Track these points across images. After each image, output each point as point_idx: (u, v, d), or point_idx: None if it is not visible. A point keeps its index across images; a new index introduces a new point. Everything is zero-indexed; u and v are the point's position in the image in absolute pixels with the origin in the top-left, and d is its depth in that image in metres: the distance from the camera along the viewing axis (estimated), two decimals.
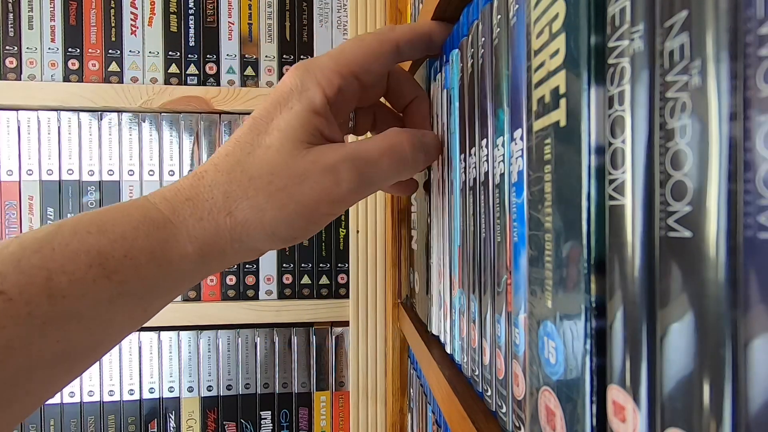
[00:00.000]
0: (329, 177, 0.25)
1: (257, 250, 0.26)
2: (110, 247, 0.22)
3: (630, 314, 0.13)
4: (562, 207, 0.16)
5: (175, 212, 0.24)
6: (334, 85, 0.26)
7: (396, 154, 0.26)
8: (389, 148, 0.26)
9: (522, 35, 0.19)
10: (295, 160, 0.25)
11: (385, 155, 0.26)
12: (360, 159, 0.25)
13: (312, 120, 0.25)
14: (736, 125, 0.10)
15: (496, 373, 0.23)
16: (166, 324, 0.71)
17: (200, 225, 0.24)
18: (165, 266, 0.23)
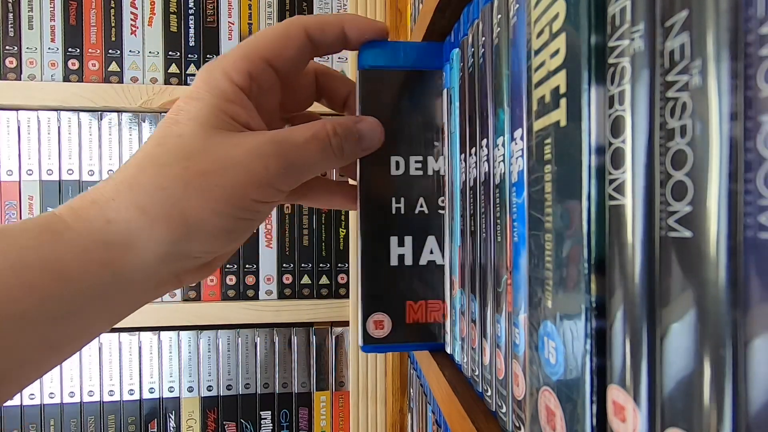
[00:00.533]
0: (256, 160, 0.23)
1: (187, 254, 0.23)
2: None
3: (630, 314, 0.13)
4: (562, 207, 0.16)
5: (79, 218, 0.21)
6: (241, 71, 0.24)
7: (320, 141, 0.25)
8: (313, 134, 0.25)
9: (522, 35, 0.19)
10: (214, 145, 0.23)
11: (310, 141, 0.25)
12: (286, 142, 0.24)
13: (224, 107, 0.24)
14: (736, 125, 0.10)
15: (496, 373, 0.23)
16: (166, 324, 0.71)
17: (107, 228, 0.21)
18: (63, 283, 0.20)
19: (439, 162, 0.31)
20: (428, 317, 0.31)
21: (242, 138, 0.23)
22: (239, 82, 0.24)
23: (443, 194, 0.31)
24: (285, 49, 0.26)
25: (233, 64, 0.24)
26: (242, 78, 0.24)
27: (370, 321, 0.30)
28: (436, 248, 0.31)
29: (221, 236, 0.23)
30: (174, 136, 0.23)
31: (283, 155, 0.24)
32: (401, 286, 0.30)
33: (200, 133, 0.23)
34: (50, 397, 0.71)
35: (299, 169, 0.25)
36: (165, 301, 0.73)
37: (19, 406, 0.71)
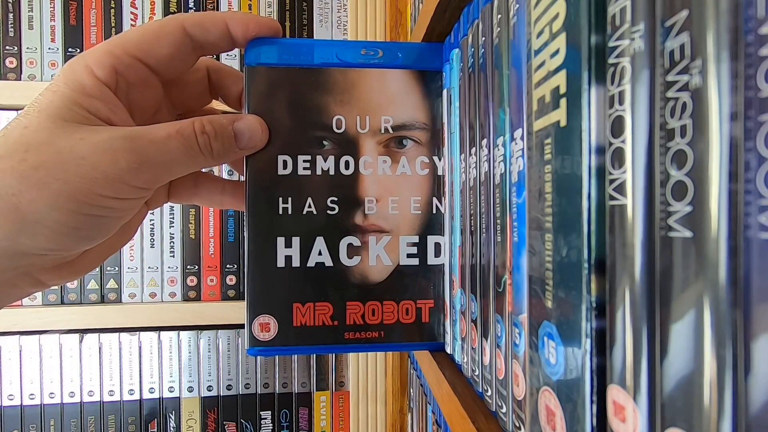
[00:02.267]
0: (103, 155, 0.22)
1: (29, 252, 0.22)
2: None
3: (630, 314, 0.13)
4: (563, 207, 0.16)
5: None
6: (104, 66, 0.23)
7: (185, 138, 0.24)
8: (178, 131, 0.24)
9: (522, 35, 0.19)
10: (58, 137, 0.21)
11: (172, 138, 0.24)
12: (142, 138, 0.23)
13: (81, 100, 0.23)
14: (736, 125, 0.10)
15: (496, 373, 0.23)
16: (166, 324, 0.71)
17: None
18: None
19: (328, 162, 0.30)
20: (317, 320, 0.30)
21: (92, 132, 0.22)
22: (102, 76, 0.23)
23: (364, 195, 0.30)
24: (157, 45, 0.25)
25: (96, 59, 0.23)
26: (105, 73, 0.23)
27: (255, 323, 0.29)
28: (325, 250, 0.30)
29: (66, 233, 0.22)
30: (19, 127, 0.22)
31: (136, 151, 0.22)
32: (288, 288, 0.30)
33: (47, 125, 0.22)
34: (50, 397, 0.71)
35: (157, 166, 0.23)
36: (165, 301, 0.73)
37: (19, 406, 0.71)
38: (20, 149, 0.21)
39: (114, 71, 0.24)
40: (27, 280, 0.23)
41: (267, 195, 0.29)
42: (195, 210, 0.73)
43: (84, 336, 0.72)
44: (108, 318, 0.70)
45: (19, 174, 0.21)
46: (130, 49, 0.24)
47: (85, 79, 0.23)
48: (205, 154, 0.25)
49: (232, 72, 0.30)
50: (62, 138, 0.22)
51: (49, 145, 0.21)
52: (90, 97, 0.23)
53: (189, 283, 0.73)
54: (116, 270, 0.72)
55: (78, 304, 0.71)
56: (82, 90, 0.23)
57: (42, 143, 0.21)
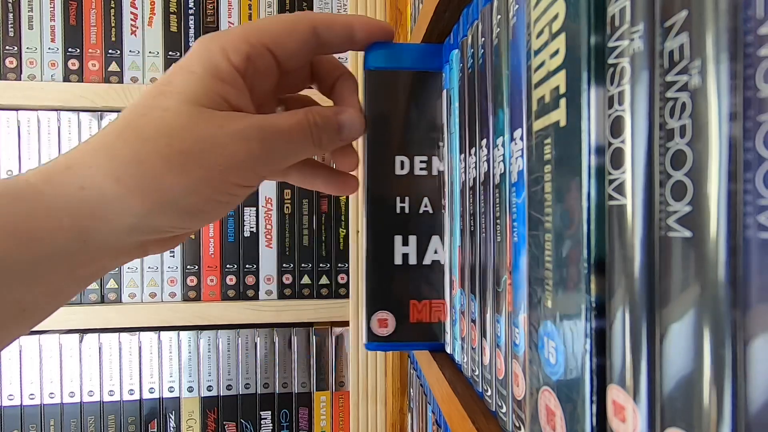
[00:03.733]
0: (240, 144, 0.23)
1: (156, 228, 0.23)
2: None
3: (630, 314, 0.13)
4: (562, 207, 0.16)
5: (50, 182, 0.21)
6: (240, 52, 0.24)
7: (302, 129, 0.25)
8: (297, 122, 0.25)
9: (522, 35, 0.19)
10: (198, 123, 0.22)
11: (294, 128, 0.25)
12: (270, 128, 0.24)
13: (215, 85, 0.23)
14: (736, 125, 0.10)
15: (496, 373, 0.23)
16: (166, 324, 0.71)
17: (81, 194, 0.21)
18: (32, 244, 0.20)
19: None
20: (432, 317, 0.31)
21: (228, 119, 0.23)
22: (236, 62, 0.24)
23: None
24: (289, 40, 0.26)
25: (233, 44, 0.24)
26: (240, 59, 0.24)
27: (374, 319, 0.30)
28: (440, 248, 0.31)
29: (194, 215, 0.23)
30: (160, 108, 0.22)
31: (265, 140, 0.24)
32: (405, 285, 0.31)
33: (186, 109, 0.22)
34: (50, 397, 0.71)
35: (280, 155, 0.25)
36: (165, 301, 0.73)
37: (19, 406, 0.71)
38: (164, 133, 0.22)
39: (247, 58, 0.24)
40: (140, 249, 0.24)
41: (385, 194, 0.31)
42: None
43: (84, 336, 0.72)
44: (108, 318, 0.70)
45: (164, 158, 0.22)
46: (265, 39, 0.25)
47: (220, 62, 0.23)
48: (315, 144, 0.26)
49: (331, 60, 0.31)
50: (202, 125, 0.22)
51: (190, 131, 0.22)
52: (223, 82, 0.24)
53: (189, 283, 0.73)
54: (116, 270, 0.72)
55: (78, 304, 0.71)
56: (216, 74, 0.23)
57: (184, 129, 0.22)
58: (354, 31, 0.27)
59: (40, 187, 0.21)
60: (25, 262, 0.20)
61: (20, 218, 0.20)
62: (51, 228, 0.21)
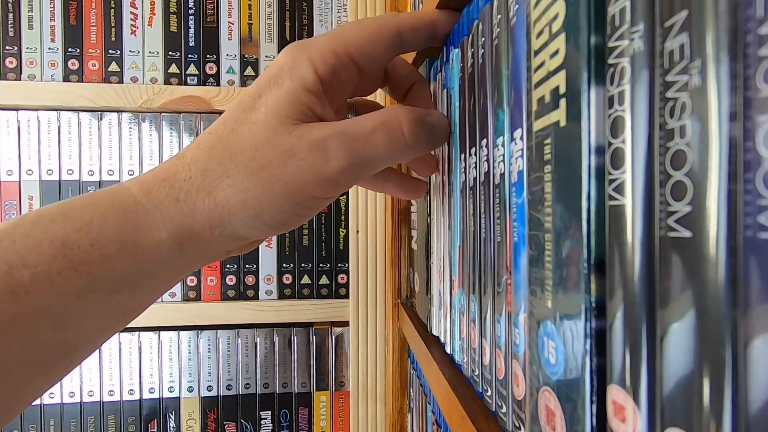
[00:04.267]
0: (317, 154, 0.23)
1: (241, 237, 0.24)
2: (75, 236, 0.20)
3: (630, 314, 0.13)
4: (562, 207, 0.16)
5: (149, 194, 0.22)
6: (328, 64, 0.24)
7: (390, 129, 0.24)
8: (382, 123, 0.24)
9: (522, 35, 0.19)
10: (281, 136, 0.23)
11: (377, 130, 0.24)
12: (350, 134, 0.23)
13: (302, 97, 0.23)
14: (736, 125, 0.10)
15: (496, 373, 0.23)
16: (166, 324, 0.71)
17: (176, 207, 0.22)
18: (138, 255, 0.22)
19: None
20: None
21: (308, 130, 0.23)
22: (323, 74, 0.24)
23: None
24: (374, 47, 0.25)
25: (321, 56, 0.24)
26: (327, 71, 0.24)
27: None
28: None
29: (275, 226, 0.24)
30: (248, 122, 0.23)
31: (345, 148, 0.23)
32: None
33: (272, 123, 0.23)
34: (50, 397, 0.71)
35: (365, 162, 0.24)
36: (165, 301, 0.73)
37: None
38: (250, 147, 0.23)
39: (333, 70, 0.24)
40: (224, 254, 0.26)
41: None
42: None
43: None
44: None
45: (249, 172, 0.23)
46: (351, 50, 0.25)
47: (308, 74, 0.24)
48: (411, 145, 0.25)
49: (406, 64, 0.31)
50: (284, 137, 0.23)
51: (273, 144, 0.23)
52: (309, 93, 0.24)
53: (189, 283, 0.73)
54: None
55: None
56: (304, 85, 0.24)
57: (267, 142, 0.23)
58: (437, 28, 0.27)
59: (142, 199, 0.22)
60: (132, 272, 0.22)
61: (129, 231, 0.21)
62: (154, 241, 0.22)
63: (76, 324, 0.21)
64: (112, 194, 0.22)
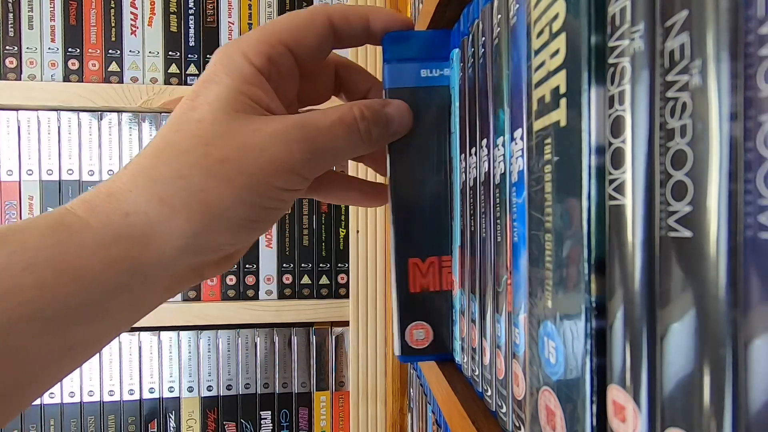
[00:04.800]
0: (279, 145, 0.22)
1: (210, 247, 0.22)
2: (6, 260, 0.18)
3: (630, 314, 0.13)
4: (562, 207, 0.16)
5: (94, 212, 0.20)
6: (262, 54, 0.23)
7: (347, 124, 0.24)
8: (339, 117, 0.24)
9: (522, 35, 0.19)
10: (235, 129, 0.21)
11: (336, 124, 0.23)
12: (310, 126, 0.23)
13: (244, 89, 0.22)
14: (736, 125, 0.10)
15: (496, 373, 0.23)
16: (166, 324, 0.71)
17: (126, 221, 0.20)
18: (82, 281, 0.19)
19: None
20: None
21: (265, 122, 0.22)
22: (259, 64, 0.23)
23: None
24: (307, 36, 0.25)
25: (253, 47, 0.23)
26: (262, 61, 0.23)
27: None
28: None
29: (245, 226, 0.22)
30: (193, 121, 0.22)
31: (307, 140, 0.23)
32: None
33: (220, 117, 0.22)
34: (50, 397, 0.71)
35: (325, 154, 0.24)
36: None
37: None
38: (201, 143, 0.21)
39: (269, 60, 0.23)
40: (194, 275, 0.23)
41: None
42: None
43: None
44: None
45: (205, 169, 0.21)
46: (284, 38, 0.24)
47: (244, 67, 0.23)
48: (365, 140, 0.25)
49: (360, 68, 0.30)
50: (238, 130, 0.22)
51: (227, 138, 0.21)
52: (251, 85, 0.23)
53: None
54: None
55: None
56: (243, 78, 0.23)
57: (220, 136, 0.21)
58: (371, 22, 0.26)
59: (86, 218, 0.20)
60: (75, 299, 0.19)
61: (70, 252, 0.19)
62: (100, 261, 0.20)
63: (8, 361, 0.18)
64: (53, 215, 0.20)
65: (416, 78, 0.29)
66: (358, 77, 0.30)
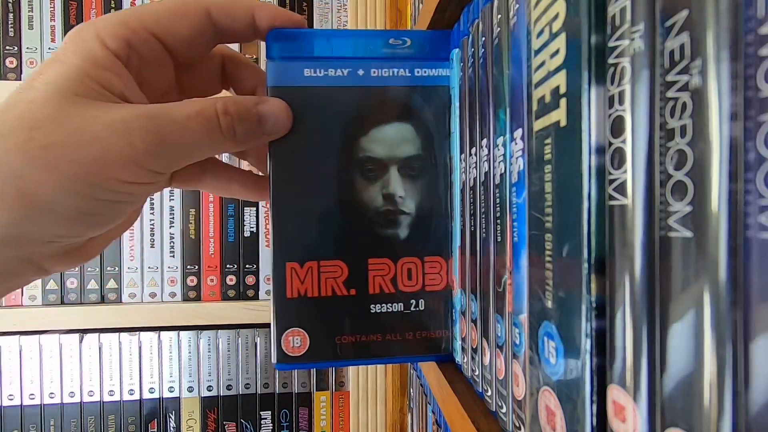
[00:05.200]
0: (118, 135, 0.20)
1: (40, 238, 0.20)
2: None
3: (630, 314, 0.13)
4: (562, 207, 0.16)
5: None
6: (118, 37, 0.21)
7: (206, 120, 0.22)
8: (198, 113, 0.22)
9: (522, 35, 0.19)
10: (69, 114, 0.20)
11: (192, 119, 0.22)
12: (160, 118, 0.21)
13: (92, 72, 0.21)
14: (736, 125, 0.10)
15: (496, 373, 0.23)
16: (166, 324, 0.71)
17: None
18: None
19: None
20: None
21: (106, 109, 0.20)
22: (114, 48, 0.21)
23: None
24: (177, 25, 0.23)
25: (109, 28, 0.22)
26: (118, 44, 0.22)
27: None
28: None
29: (78, 219, 0.21)
30: (23, 102, 0.20)
31: (154, 131, 0.21)
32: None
33: (56, 99, 0.20)
34: (50, 397, 0.71)
35: (176, 149, 0.22)
36: (165, 301, 0.73)
37: (19, 406, 0.71)
38: (26, 126, 0.19)
39: (127, 44, 0.22)
40: (31, 267, 0.22)
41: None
42: (195, 210, 0.73)
43: (84, 336, 0.72)
44: (108, 318, 0.70)
45: (26, 154, 0.19)
46: (148, 23, 0.23)
47: (96, 48, 0.21)
48: (227, 137, 0.23)
49: (248, 63, 0.29)
50: (73, 115, 0.20)
51: (59, 122, 0.20)
52: (102, 68, 0.21)
53: (189, 283, 0.73)
54: (116, 270, 0.72)
55: (78, 304, 0.71)
56: (93, 61, 0.21)
57: (51, 120, 0.19)
58: (256, 18, 0.25)
59: None
60: None
61: None
62: None
63: None
64: None
65: (299, 77, 0.28)
66: (246, 72, 0.29)
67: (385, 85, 0.28)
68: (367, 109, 0.28)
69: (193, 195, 0.73)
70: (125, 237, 0.72)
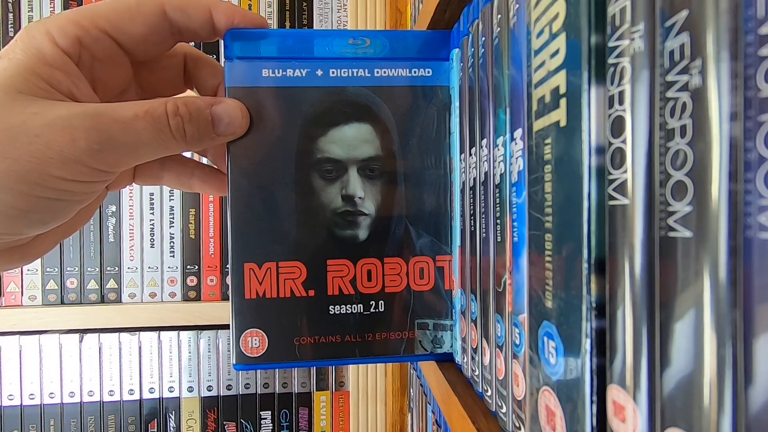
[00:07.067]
0: (59, 133, 0.20)
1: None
2: None
3: (630, 314, 0.13)
4: (562, 207, 0.16)
5: None
6: (69, 35, 0.21)
7: (154, 119, 0.22)
8: (146, 112, 0.22)
9: (522, 35, 0.19)
10: (9, 111, 0.20)
11: (139, 118, 0.21)
12: (106, 116, 0.21)
13: (38, 69, 0.21)
14: (736, 125, 0.10)
15: (496, 373, 0.23)
16: (166, 324, 0.71)
17: None
18: None
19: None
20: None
21: (49, 107, 0.20)
22: (64, 46, 0.21)
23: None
24: (131, 24, 0.23)
25: (60, 26, 0.21)
26: (68, 43, 0.21)
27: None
28: None
29: (16, 216, 0.21)
30: None
31: (98, 130, 0.21)
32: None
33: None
34: (50, 397, 0.71)
35: (122, 148, 0.21)
36: (165, 301, 0.73)
37: (19, 406, 0.71)
38: None
39: (78, 42, 0.22)
40: None
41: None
42: (195, 210, 0.73)
43: (84, 336, 0.72)
44: (108, 318, 0.70)
45: None
46: (99, 22, 0.22)
47: (45, 46, 0.21)
48: (177, 138, 0.23)
49: (210, 62, 0.29)
50: (13, 112, 0.20)
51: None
52: (50, 66, 0.21)
53: (189, 283, 0.73)
54: (116, 270, 0.72)
55: (78, 304, 0.71)
56: (41, 59, 0.21)
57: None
58: (213, 16, 0.25)
59: None
60: None
61: None
62: None
63: None
64: None
65: (258, 78, 0.27)
66: (207, 71, 0.28)
67: (344, 85, 0.28)
68: (326, 109, 0.28)
69: (193, 195, 0.73)
70: (125, 237, 0.72)
